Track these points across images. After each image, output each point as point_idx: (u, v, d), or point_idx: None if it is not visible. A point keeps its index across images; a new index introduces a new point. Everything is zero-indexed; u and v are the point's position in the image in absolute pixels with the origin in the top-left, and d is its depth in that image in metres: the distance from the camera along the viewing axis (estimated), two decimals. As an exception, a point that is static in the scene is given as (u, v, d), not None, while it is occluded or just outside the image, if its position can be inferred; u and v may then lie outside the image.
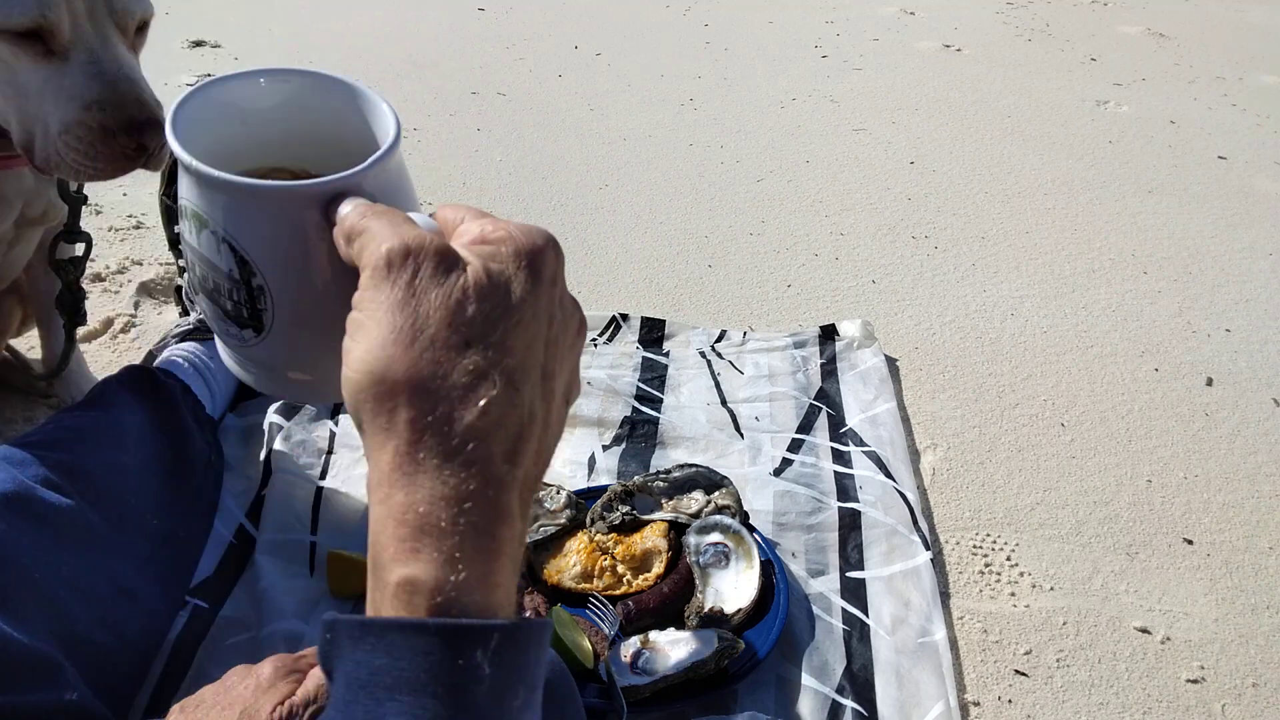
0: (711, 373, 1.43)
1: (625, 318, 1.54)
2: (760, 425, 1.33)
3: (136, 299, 1.57)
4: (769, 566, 1.05)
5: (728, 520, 1.07)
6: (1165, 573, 1.16)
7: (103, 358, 1.43)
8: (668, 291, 1.69)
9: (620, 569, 1.04)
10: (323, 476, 1.19)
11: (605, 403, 1.34)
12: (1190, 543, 1.21)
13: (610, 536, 1.07)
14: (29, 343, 1.36)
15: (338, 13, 3.22)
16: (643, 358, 1.45)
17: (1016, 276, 1.79)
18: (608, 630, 0.96)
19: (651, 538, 1.07)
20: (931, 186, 2.14)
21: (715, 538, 1.06)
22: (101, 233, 1.70)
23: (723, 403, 1.37)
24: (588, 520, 1.10)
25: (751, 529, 1.08)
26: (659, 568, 1.04)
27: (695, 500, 1.13)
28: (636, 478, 1.14)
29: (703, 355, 1.46)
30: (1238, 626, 1.10)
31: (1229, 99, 2.79)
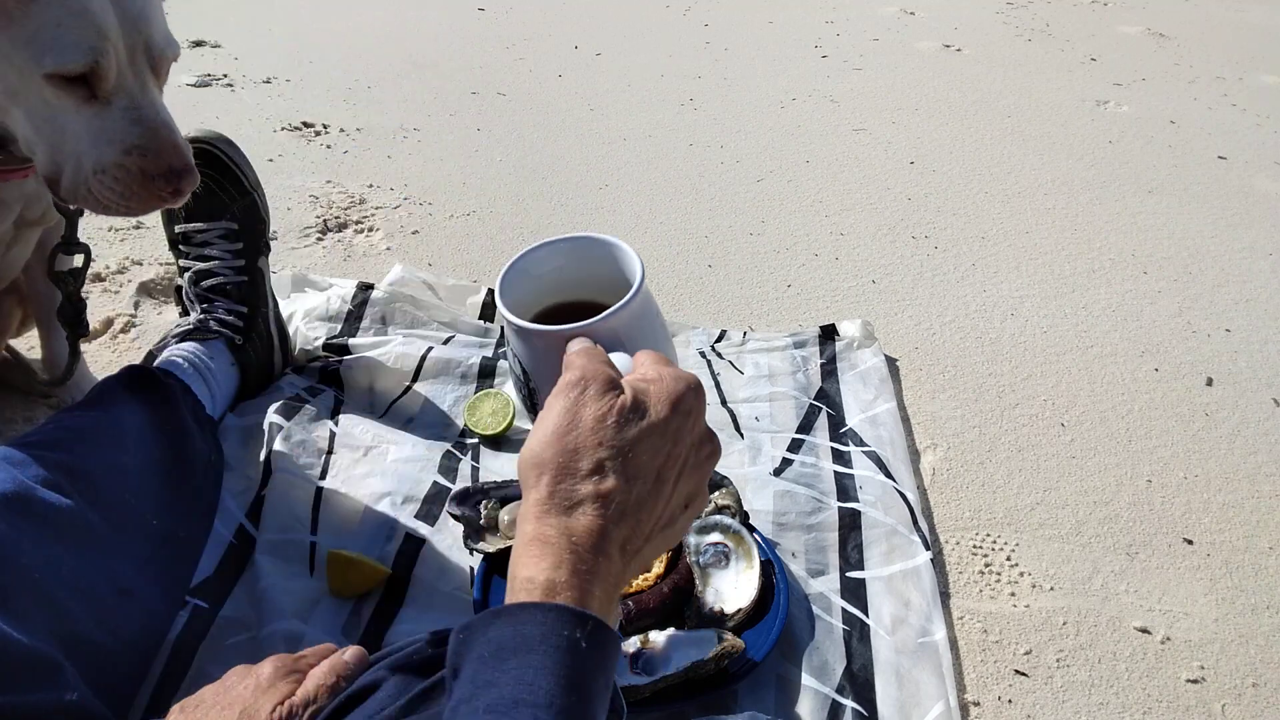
0: (711, 373, 1.43)
1: (625, 318, 1.54)
2: (760, 425, 1.33)
3: (136, 299, 1.57)
4: (769, 566, 1.05)
5: (728, 520, 1.07)
6: (1165, 573, 1.16)
7: (103, 358, 1.43)
8: (668, 291, 1.69)
9: (620, 569, 1.04)
10: (323, 476, 1.19)
11: (605, 403, 1.34)
12: (1190, 543, 1.21)
13: (610, 536, 1.07)
14: (29, 343, 1.36)
15: (338, 13, 3.22)
16: (643, 358, 1.44)
17: (1016, 276, 1.79)
18: (607, 630, 0.96)
19: (651, 538, 1.07)
20: (931, 186, 2.14)
21: (715, 538, 1.06)
22: (101, 232, 1.70)
23: (723, 403, 1.37)
24: (588, 520, 1.10)
25: (751, 529, 1.08)
26: (659, 568, 1.04)
27: (695, 500, 1.12)
28: (636, 478, 1.14)
29: (703, 355, 1.46)
30: (1238, 626, 1.10)
31: (1229, 99, 2.79)
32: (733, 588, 1.02)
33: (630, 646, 0.94)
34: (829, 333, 1.51)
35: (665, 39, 3.12)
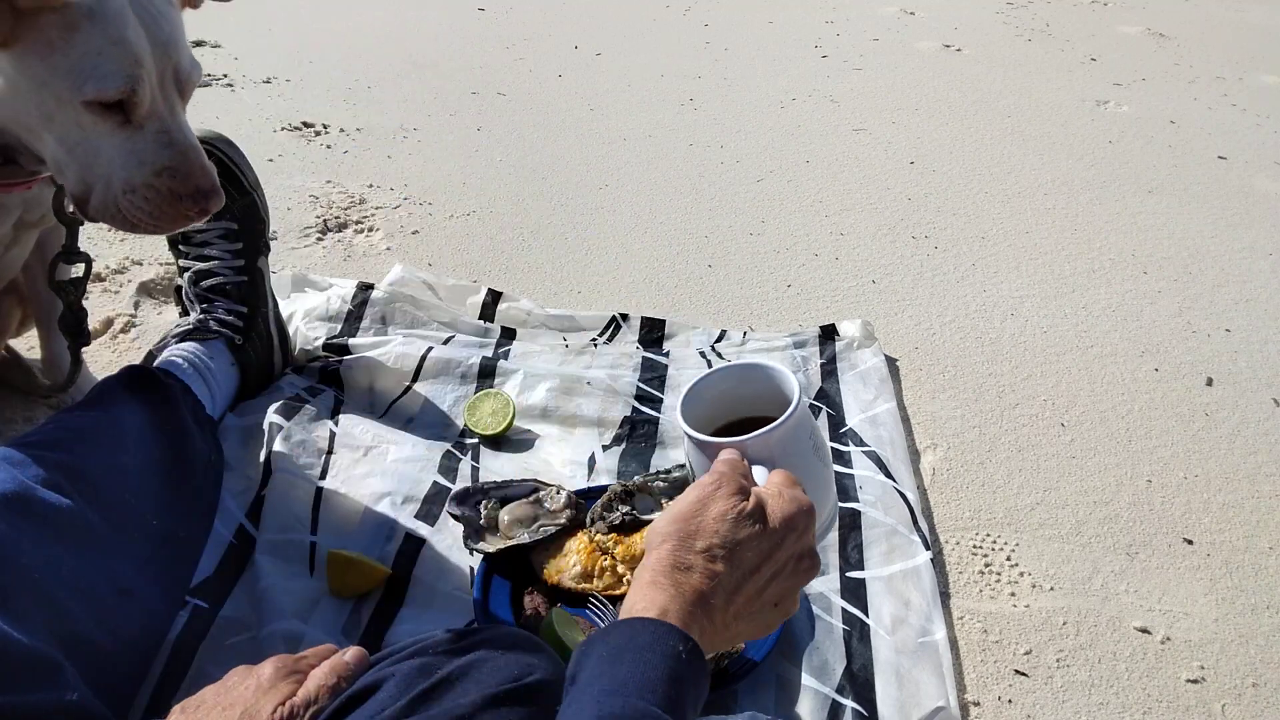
0: (711, 373, 1.43)
1: (625, 318, 1.54)
2: (760, 425, 1.32)
3: (136, 299, 1.57)
4: (769, 566, 1.04)
5: (728, 520, 1.07)
6: (1165, 573, 1.16)
7: (103, 358, 1.43)
8: (668, 291, 1.69)
9: (620, 569, 1.04)
10: (323, 476, 1.19)
11: (605, 403, 1.34)
12: (1190, 543, 1.21)
13: (610, 536, 1.07)
14: (28, 343, 1.36)
15: (338, 13, 3.22)
16: (643, 358, 1.45)
17: (1016, 276, 1.79)
18: (608, 630, 0.96)
19: (651, 538, 1.07)
20: (931, 186, 2.14)
21: (715, 538, 1.06)
22: (101, 232, 1.70)
23: (723, 403, 1.37)
24: (588, 520, 1.10)
25: (751, 529, 1.08)
26: (659, 568, 1.04)
27: (695, 500, 1.12)
28: (636, 478, 1.14)
29: (703, 355, 1.46)
30: (1238, 626, 1.10)
31: (1229, 99, 2.79)
32: (733, 588, 1.02)
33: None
34: (829, 333, 1.51)
35: (665, 39, 3.12)
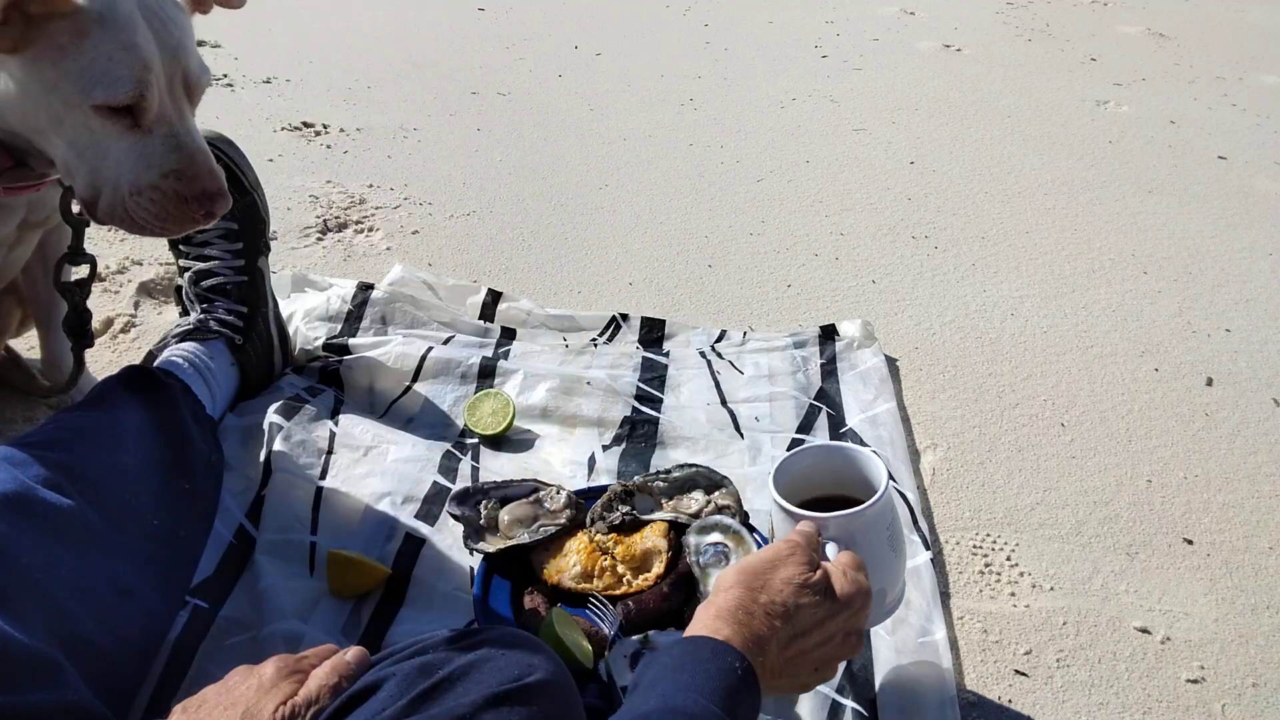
0: (711, 373, 1.43)
1: (625, 318, 1.54)
2: (760, 425, 1.33)
3: (136, 299, 1.57)
4: (769, 566, 1.05)
5: (728, 520, 1.07)
6: (1165, 573, 1.16)
7: (103, 358, 1.43)
8: (668, 291, 1.69)
9: (620, 569, 1.04)
10: (323, 476, 1.19)
11: (605, 403, 1.34)
12: (1190, 543, 1.21)
13: (610, 536, 1.07)
14: (29, 343, 1.36)
15: (338, 13, 3.22)
16: (643, 358, 1.45)
17: (1016, 276, 1.79)
18: (608, 630, 0.96)
19: (651, 538, 1.07)
20: (931, 186, 2.14)
21: (715, 538, 1.06)
22: (102, 232, 1.70)
23: (723, 403, 1.37)
24: (588, 520, 1.10)
25: (752, 529, 1.08)
26: (659, 568, 1.04)
27: (695, 500, 1.12)
28: (636, 478, 1.14)
29: (703, 355, 1.46)
30: (1238, 626, 1.10)
31: (1229, 99, 2.79)
32: (733, 588, 1.02)
33: (630, 647, 0.94)
34: (829, 333, 1.51)
35: (665, 39, 3.12)
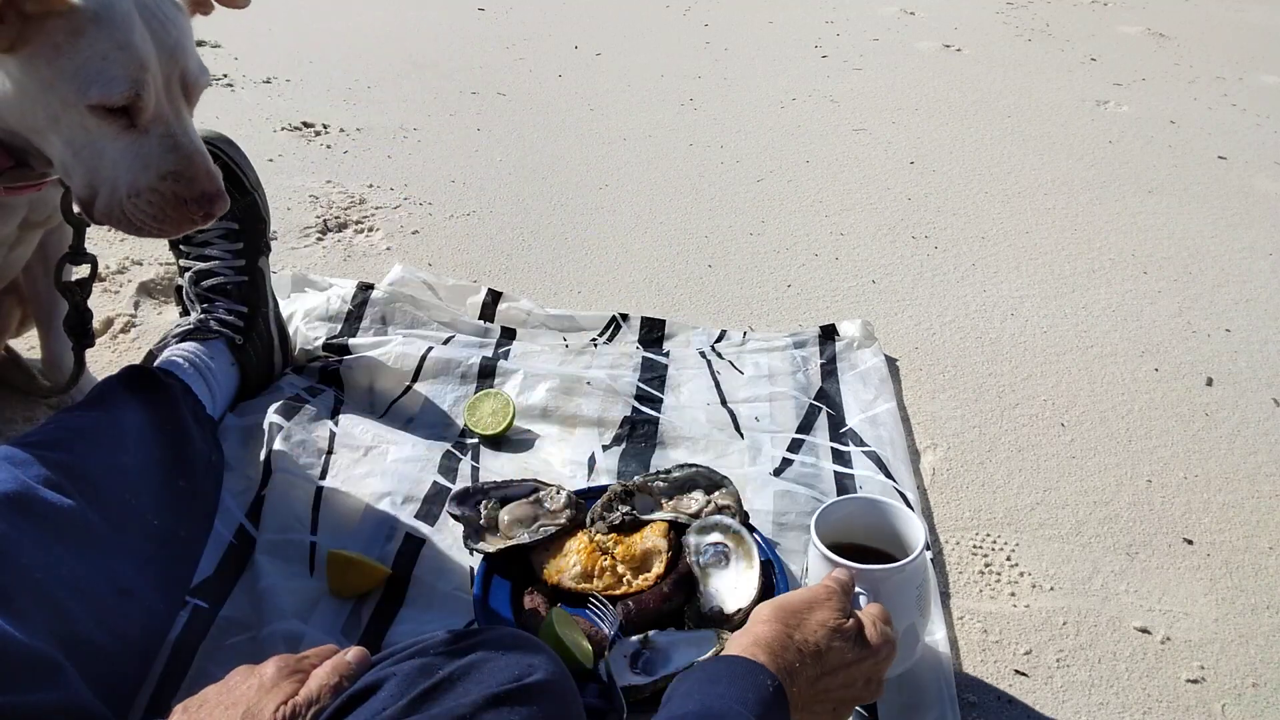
0: (711, 373, 1.43)
1: (625, 318, 1.54)
2: (760, 425, 1.33)
3: (136, 299, 1.57)
4: (769, 567, 1.04)
5: (728, 520, 1.07)
6: (1165, 573, 1.16)
7: (103, 358, 1.43)
8: (668, 291, 1.69)
9: (620, 569, 1.04)
10: (323, 476, 1.19)
11: (605, 403, 1.34)
12: (1190, 543, 1.21)
13: (610, 536, 1.07)
14: (29, 343, 1.36)
15: (338, 13, 3.22)
16: (643, 358, 1.45)
17: (1016, 276, 1.79)
18: (608, 630, 0.96)
19: (651, 538, 1.07)
20: (931, 186, 2.14)
21: (715, 538, 1.06)
22: (102, 232, 1.70)
23: (723, 403, 1.37)
24: (588, 520, 1.10)
25: (751, 529, 1.08)
26: (659, 568, 1.04)
27: (695, 500, 1.12)
28: (636, 478, 1.14)
29: (703, 355, 1.46)
30: (1238, 626, 1.10)
31: (1229, 99, 2.79)
32: (733, 588, 1.02)
33: (630, 646, 0.94)
34: (829, 333, 1.51)
35: (665, 39, 3.12)
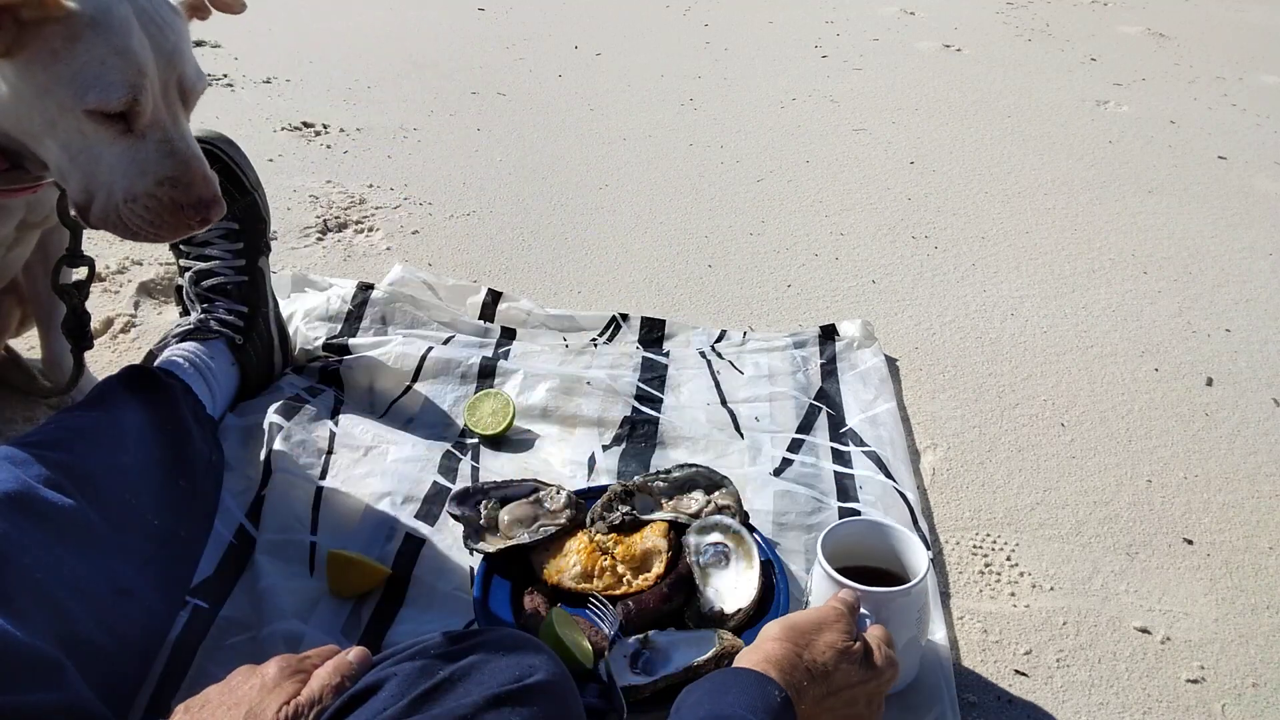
0: (711, 373, 1.43)
1: (625, 318, 1.54)
2: (760, 425, 1.33)
3: (136, 299, 1.57)
4: (769, 566, 1.04)
5: (728, 520, 1.07)
6: (1165, 573, 1.16)
7: (103, 358, 1.43)
8: (668, 291, 1.69)
9: (620, 569, 1.04)
10: (323, 476, 1.19)
11: (605, 403, 1.34)
12: (1190, 543, 1.21)
13: (610, 536, 1.07)
14: (29, 343, 1.36)
15: (338, 13, 3.22)
16: (643, 358, 1.45)
17: (1016, 276, 1.79)
18: (608, 630, 0.96)
19: (651, 538, 1.07)
20: (931, 186, 2.14)
21: (715, 538, 1.06)
22: (102, 233, 1.69)
23: (723, 403, 1.37)
24: (588, 520, 1.10)
25: (751, 529, 1.08)
26: (659, 568, 1.04)
27: (695, 500, 1.12)
28: (636, 478, 1.14)
29: (703, 355, 1.46)
30: (1238, 626, 1.10)
31: (1229, 99, 2.79)
32: (733, 588, 1.02)
33: (630, 646, 0.94)
34: (829, 333, 1.52)
35: (665, 39, 3.12)
